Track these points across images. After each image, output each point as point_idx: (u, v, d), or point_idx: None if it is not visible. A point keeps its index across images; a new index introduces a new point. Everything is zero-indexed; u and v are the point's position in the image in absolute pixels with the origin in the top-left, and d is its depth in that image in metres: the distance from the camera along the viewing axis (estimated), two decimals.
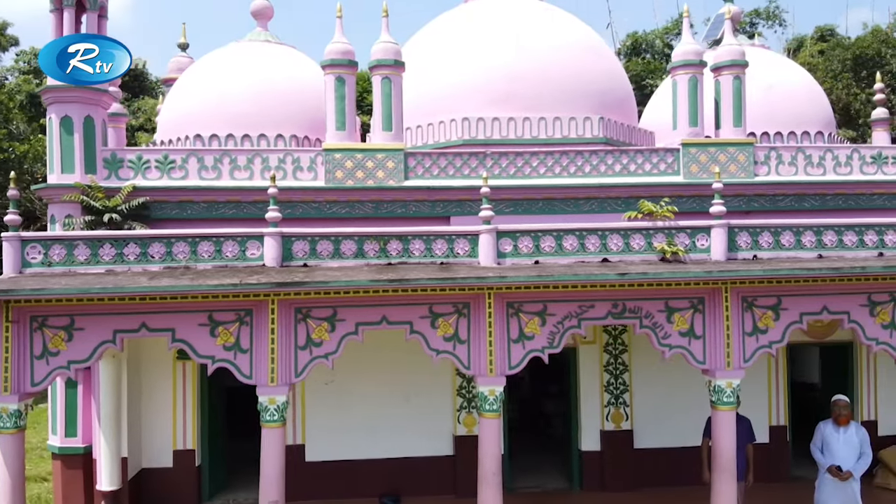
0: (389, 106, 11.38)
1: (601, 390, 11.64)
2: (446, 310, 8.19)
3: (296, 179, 11.18)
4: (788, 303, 8.46)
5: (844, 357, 12.23)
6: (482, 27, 13.08)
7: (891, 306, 8.61)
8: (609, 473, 11.50)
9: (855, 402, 12.22)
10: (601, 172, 11.67)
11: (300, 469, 11.25)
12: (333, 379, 11.26)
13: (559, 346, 8.36)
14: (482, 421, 8.32)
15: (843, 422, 8.70)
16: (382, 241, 8.19)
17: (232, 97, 12.37)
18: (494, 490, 8.18)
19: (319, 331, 8.01)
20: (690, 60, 11.84)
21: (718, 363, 8.39)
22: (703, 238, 8.56)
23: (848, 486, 8.58)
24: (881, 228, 8.71)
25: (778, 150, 11.90)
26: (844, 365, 12.23)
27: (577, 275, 7.78)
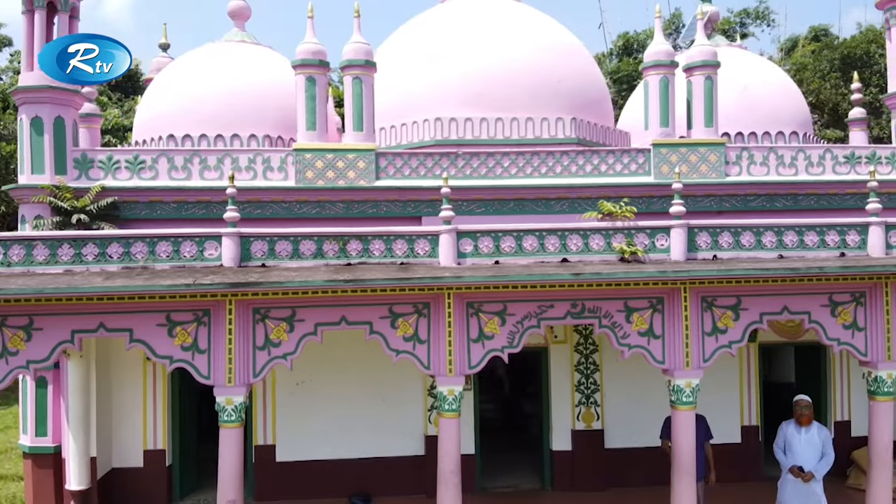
0: (360, 106, 11.39)
1: (572, 390, 11.65)
2: (406, 310, 8.20)
3: (266, 179, 11.20)
4: (748, 303, 8.46)
5: (818, 357, 12.23)
6: (456, 28, 13.08)
7: (852, 306, 8.61)
8: (580, 473, 11.52)
9: (828, 402, 12.26)
10: (572, 173, 11.68)
11: (271, 469, 11.31)
12: (305, 379, 11.32)
13: (519, 346, 8.36)
14: (442, 421, 8.33)
15: (804, 422, 8.70)
16: (342, 241, 8.20)
17: (205, 98, 12.39)
18: (453, 489, 8.20)
19: (278, 331, 8.01)
20: (661, 61, 11.85)
21: (678, 363, 8.40)
22: (662, 238, 8.57)
23: (810, 486, 8.58)
24: (843, 229, 8.72)
25: (750, 150, 11.91)
26: (818, 365, 12.23)
27: (531, 275, 7.79)
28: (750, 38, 37.31)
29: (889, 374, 8.67)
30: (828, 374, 12.20)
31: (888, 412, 8.77)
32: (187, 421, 11.64)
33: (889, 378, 8.67)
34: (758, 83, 13.57)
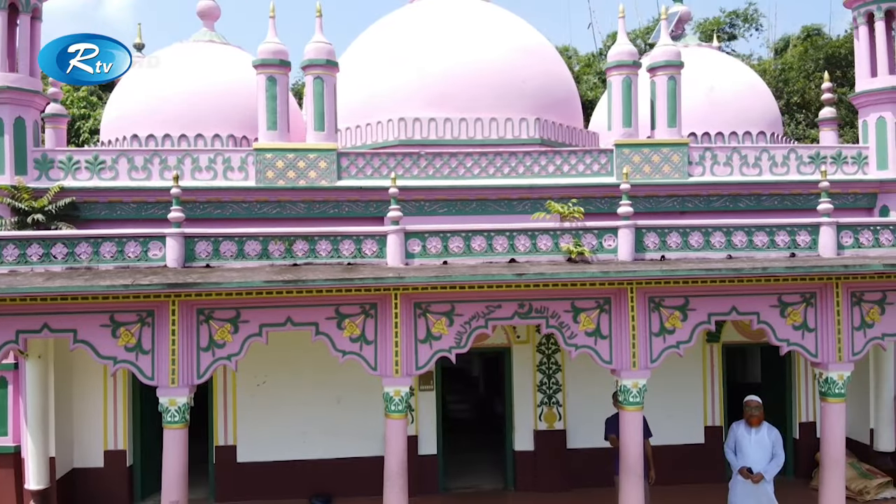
0: (322, 105, 11.38)
1: (534, 390, 11.65)
2: (353, 311, 8.19)
3: (226, 179, 11.19)
4: (696, 303, 8.44)
5: (783, 358, 12.18)
6: (423, 28, 13.08)
7: (802, 307, 8.59)
8: (542, 473, 11.51)
9: (794, 403, 12.26)
10: (534, 173, 11.67)
11: (232, 470, 11.30)
12: (266, 380, 11.32)
13: (466, 347, 8.35)
14: (388, 422, 8.32)
15: (754, 422, 8.68)
16: (288, 241, 8.19)
17: (170, 97, 12.38)
18: (398, 490, 8.19)
19: (222, 332, 8.00)
20: (623, 61, 11.83)
21: (624, 363, 8.38)
22: (610, 239, 8.55)
23: (761, 487, 8.56)
24: (793, 229, 8.70)
25: (713, 150, 11.90)
26: (783, 366, 12.21)
27: (473, 275, 7.78)
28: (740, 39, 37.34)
29: (840, 375, 8.66)
30: (793, 374, 12.19)
31: (839, 413, 8.76)
32: (148, 421, 11.59)
33: (840, 379, 8.66)
34: (725, 83, 13.56)
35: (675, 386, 11.73)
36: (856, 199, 12.07)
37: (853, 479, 11.22)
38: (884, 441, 11.48)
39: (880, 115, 12.07)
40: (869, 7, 12.32)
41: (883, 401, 11.46)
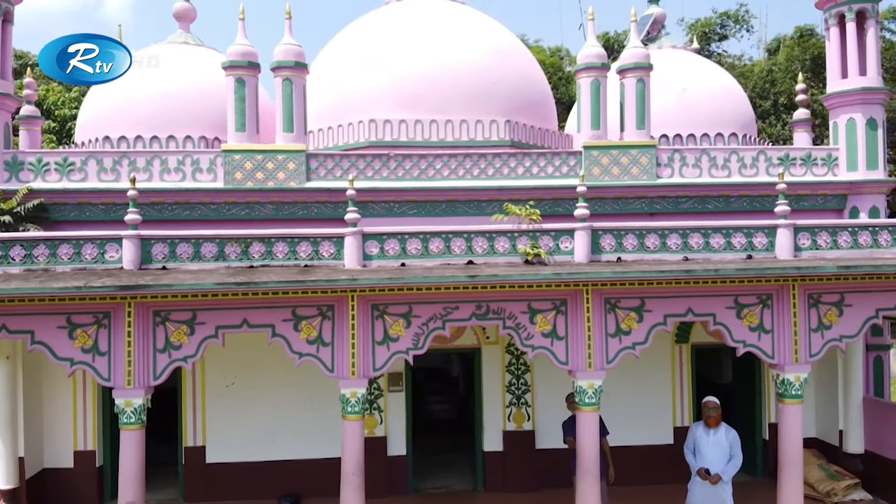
0: (291, 107, 11.43)
1: (503, 390, 11.68)
2: (310, 313, 8.22)
3: (194, 181, 11.25)
4: (652, 304, 8.48)
5: (754, 359, 12.20)
6: (396, 29, 13.12)
7: (759, 309, 8.63)
8: (511, 474, 11.55)
9: (763, 404, 12.28)
10: (504, 175, 11.72)
11: (201, 470, 11.33)
12: (235, 381, 11.35)
13: (424, 348, 8.39)
14: (344, 423, 8.35)
15: (712, 423, 8.72)
16: (244, 243, 8.22)
17: (142, 99, 12.44)
18: (353, 490, 8.23)
19: (178, 334, 8.03)
20: (592, 63, 11.88)
21: (580, 364, 8.42)
22: (566, 240, 8.59)
23: (718, 488, 8.59)
24: (749, 231, 8.73)
25: (682, 152, 11.94)
26: (753, 367, 12.24)
27: (427, 277, 7.82)
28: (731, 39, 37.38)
29: (797, 376, 8.69)
30: (762, 375, 12.22)
31: (796, 414, 8.79)
32: (118, 422, 11.63)
33: (797, 381, 8.69)
34: (698, 85, 13.60)
35: (644, 387, 11.80)
36: (825, 201, 12.11)
37: (821, 480, 11.26)
38: (853, 443, 11.50)
39: (850, 117, 12.11)
40: (840, 8, 12.37)
41: (852, 402, 11.49)
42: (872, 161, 11.97)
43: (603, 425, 9.38)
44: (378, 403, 11.49)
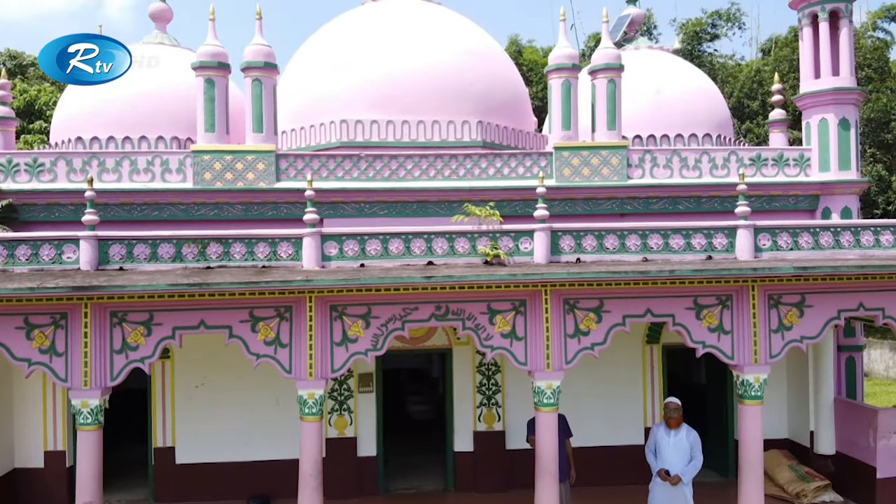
0: (260, 107, 11.43)
1: (474, 391, 11.68)
2: (268, 314, 8.22)
3: (164, 182, 11.25)
4: (611, 305, 8.47)
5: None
6: (370, 30, 13.11)
7: (718, 309, 8.62)
8: (481, 474, 11.55)
9: (734, 404, 12.21)
10: (475, 176, 11.71)
11: (170, 471, 11.34)
12: (204, 382, 11.35)
13: (383, 349, 8.38)
14: (302, 425, 8.33)
15: (673, 424, 8.71)
16: (201, 244, 8.22)
17: (114, 100, 12.42)
18: (311, 491, 8.22)
19: (135, 335, 8.03)
20: (563, 64, 11.87)
21: (538, 365, 8.41)
22: (526, 241, 8.58)
23: (678, 490, 8.58)
24: (709, 231, 8.73)
25: (653, 152, 11.93)
26: (725, 368, 12.17)
27: (382, 278, 7.82)
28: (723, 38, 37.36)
29: (756, 377, 8.68)
30: (734, 376, 12.17)
31: (756, 415, 8.79)
32: None
33: (756, 382, 8.69)
34: (673, 86, 13.58)
35: (615, 388, 11.80)
36: (797, 201, 12.10)
37: (791, 481, 11.26)
38: (824, 444, 11.48)
39: (822, 117, 12.09)
40: (813, 8, 12.35)
41: (822, 403, 11.48)
42: (845, 161, 11.94)
43: (567, 426, 9.40)
44: (348, 404, 11.49)
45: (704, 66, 35.78)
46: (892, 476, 10.56)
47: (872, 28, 44.11)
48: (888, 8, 43.12)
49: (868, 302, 8.82)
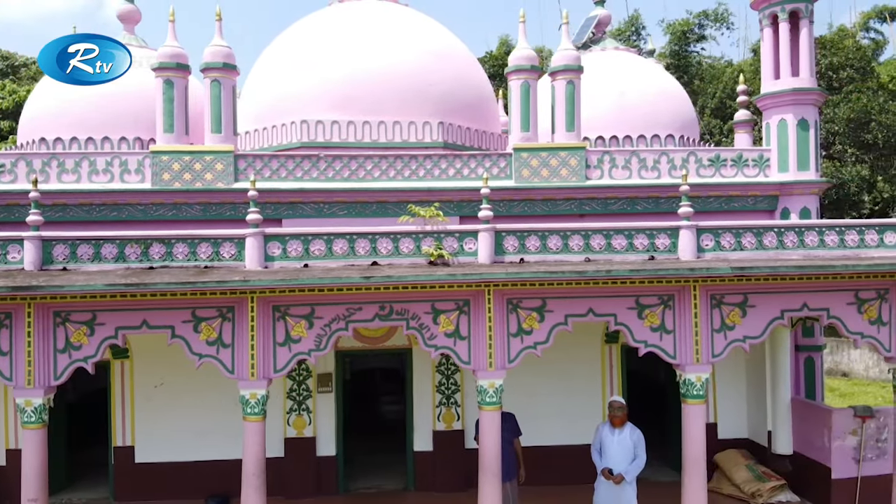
0: (219, 108, 11.49)
1: (433, 390, 11.75)
2: (210, 314, 8.27)
3: (123, 182, 11.29)
4: (553, 305, 8.53)
5: None
6: (334, 30, 13.13)
7: (660, 309, 8.67)
8: (441, 473, 11.60)
9: None
10: (435, 176, 11.76)
11: (130, 470, 11.41)
12: (163, 382, 11.41)
13: (327, 349, 8.43)
14: (245, 424, 8.39)
15: (617, 423, 8.77)
16: (144, 244, 8.27)
17: (77, 100, 12.48)
18: (254, 491, 8.28)
19: (78, 335, 8.08)
20: (522, 66, 11.94)
21: (482, 364, 8.47)
22: (470, 242, 8.63)
23: (621, 488, 8.64)
24: (652, 232, 8.77)
25: (612, 153, 11.97)
26: None
27: (322, 278, 7.87)
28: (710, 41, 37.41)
29: (698, 377, 8.73)
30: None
31: (698, 414, 8.83)
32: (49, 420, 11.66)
33: (698, 381, 8.74)
34: (637, 87, 13.64)
35: (574, 387, 11.86)
36: (756, 202, 12.15)
37: (748, 481, 11.31)
38: (781, 443, 11.53)
39: (782, 118, 12.14)
40: (773, 9, 12.40)
41: (779, 403, 11.53)
42: (803, 162, 11.99)
43: (516, 426, 9.45)
44: (307, 404, 11.56)
45: (692, 67, 35.91)
46: (846, 477, 10.61)
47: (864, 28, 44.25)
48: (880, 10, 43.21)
49: (812, 302, 8.87)
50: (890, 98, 25.40)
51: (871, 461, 10.59)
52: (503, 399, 9.09)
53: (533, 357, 8.66)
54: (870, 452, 10.64)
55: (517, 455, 9.37)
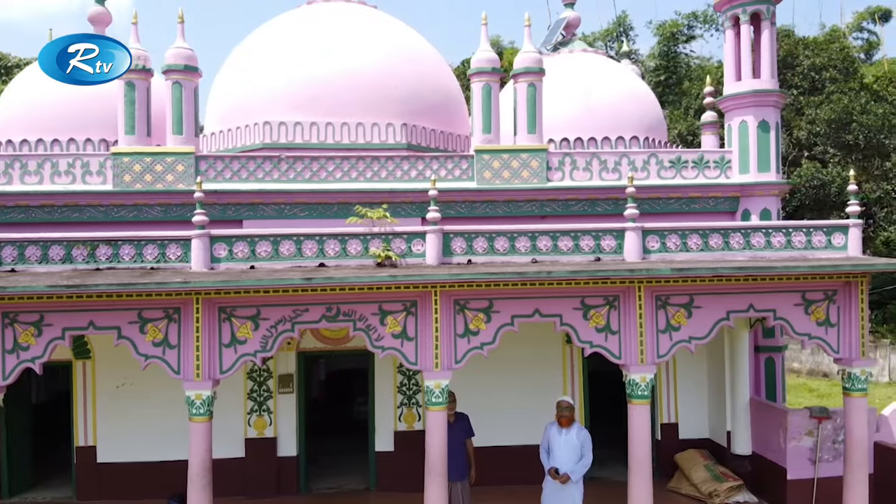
0: (180, 110, 11.54)
1: (395, 391, 11.81)
2: (156, 315, 8.33)
3: (84, 184, 11.35)
4: (500, 305, 8.59)
5: None
6: (299, 32, 13.19)
7: (605, 310, 8.73)
8: (401, 473, 11.62)
9: (656, 404, 12.36)
10: (397, 178, 11.81)
11: (92, 470, 11.46)
12: (125, 382, 11.46)
13: (273, 350, 8.50)
14: (190, 425, 8.46)
15: (564, 423, 8.83)
16: (91, 246, 8.34)
17: (46, 103, 12.57)
18: (199, 490, 8.35)
19: (26, 335, 8.15)
20: (483, 68, 11.98)
21: (428, 364, 8.53)
22: (418, 243, 8.70)
23: (567, 488, 8.69)
24: (598, 234, 8.84)
25: (572, 155, 12.02)
26: None
27: (261, 280, 7.94)
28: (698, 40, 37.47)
29: (643, 377, 8.79)
30: (655, 376, 12.19)
31: (642, 414, 8.89)
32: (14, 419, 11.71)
33: (643, 381, 8.79)
34: (604, 89, 13.71)
35: (535, 388, 11.88)
36: (717, 203, 12.20)
37: (706, 481, 11.35)
38: (740, 444, 11.58)
39: (743, 119, 12.19)
40: (735, 10, 12.47)
41: (738, 404, 11.57)
42: (764, 163, 12.04)
43: (469, 426, 9.51)
44: (268, 405, 11.61)
45: (680, 68, 36.00)
46: (802, 478, 10.65)
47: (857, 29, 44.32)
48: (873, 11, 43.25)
49: (758, 303, 8.92)
50: (873, 99, 25.49)
51: (828, 462, 10.63)
52: (461, 399, 9.19)
53: (494, 357, 8.77)
54: (826, 454, 10.69)
55: (469, 455, 9.42)
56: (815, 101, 25.29)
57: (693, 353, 9.20)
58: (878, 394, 21.39)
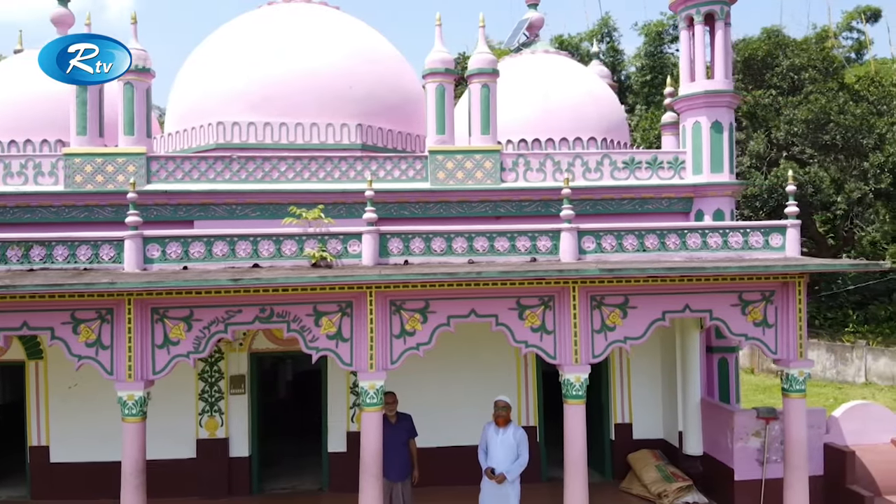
0: (132, 110, 11.55)
1: (347, 392, 11.81)
2: (89, 316, 8.36)
3: (36, 184, 11.37)
4: (436, 306, 8.61)
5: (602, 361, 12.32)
6: (257, 32, 13.20)
7: (541, 310, 8.75)
8: (353, 474, 11.49)
9: (610, 404, 12.38)
10: (351, 178, 11.82)
11: (45, 470, 11.48)
12: (77, 383, 11.46)
13: (206, 351, 8.51)
14: (123, 426, 8.48)
15: (500, 423, 8.85)
16: (25, 246, 8.36)
17: (2, 104, 12.57)
18: (132, 490, 8.39)
19: None
20: (436, 69, 12.00)
21: (363, 365, 8.55)
22: (354, 244, 8.72)
23: (503, 488, 8.71)
24: (534, 234, 8.86)
25: (526, 156, 12.04)
26: (601, 368, 12.31)
27: (187, 281, 7.96)
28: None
29: (577, 377, 8.80)
30: (609, 376, 12.33)
31: (577, 414, 8.89)
32: None
33: (577, 381, 8.81)
34: (564, 90, 13.70)
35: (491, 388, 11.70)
36: (670, 204, 12.20)
37: (656, 481, 11.36)
38: (692, 444, 11.58)
39: (696, 120, 12.19)
40: (689, 11, 12.48)
41: (690, 404, 11.58)
42: (717, 164, 12.04)
43: (412, 426, 9.52)
44: (219, 406, 11.62)
45: (666, 68, 35.99)
46: (749, 478, 10.66)
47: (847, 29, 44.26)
48: (862, 10, 43.20)
49: (694, 304, 8.94)
50: (852, 99, 25.46)
51: (776, 463, 10.61)
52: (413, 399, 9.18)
53: (448, 357, 8.79)
54: (774, 455, 10.68)
55: (412, 456, 9.43)
56: (793, 102, 25.26)
57: (629, 353, 9.24)
58: (855, 394, 21.35)
